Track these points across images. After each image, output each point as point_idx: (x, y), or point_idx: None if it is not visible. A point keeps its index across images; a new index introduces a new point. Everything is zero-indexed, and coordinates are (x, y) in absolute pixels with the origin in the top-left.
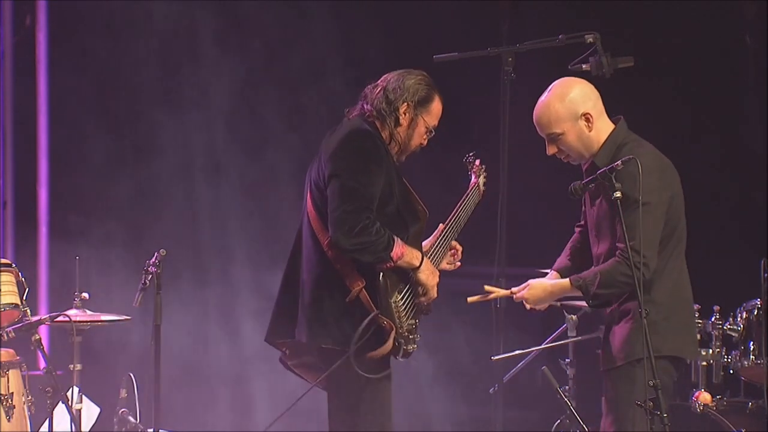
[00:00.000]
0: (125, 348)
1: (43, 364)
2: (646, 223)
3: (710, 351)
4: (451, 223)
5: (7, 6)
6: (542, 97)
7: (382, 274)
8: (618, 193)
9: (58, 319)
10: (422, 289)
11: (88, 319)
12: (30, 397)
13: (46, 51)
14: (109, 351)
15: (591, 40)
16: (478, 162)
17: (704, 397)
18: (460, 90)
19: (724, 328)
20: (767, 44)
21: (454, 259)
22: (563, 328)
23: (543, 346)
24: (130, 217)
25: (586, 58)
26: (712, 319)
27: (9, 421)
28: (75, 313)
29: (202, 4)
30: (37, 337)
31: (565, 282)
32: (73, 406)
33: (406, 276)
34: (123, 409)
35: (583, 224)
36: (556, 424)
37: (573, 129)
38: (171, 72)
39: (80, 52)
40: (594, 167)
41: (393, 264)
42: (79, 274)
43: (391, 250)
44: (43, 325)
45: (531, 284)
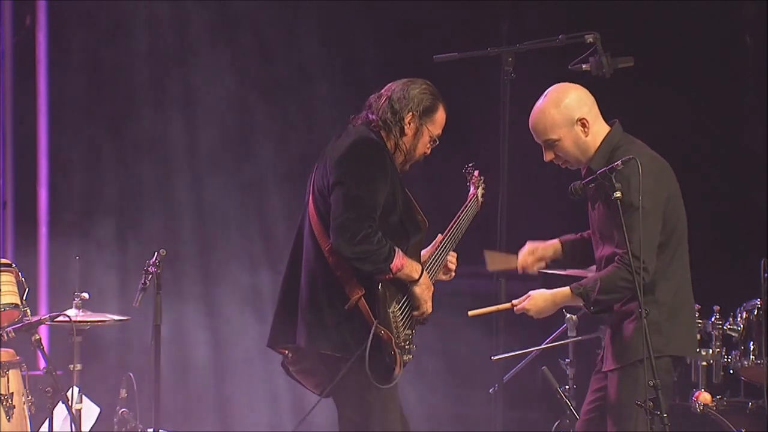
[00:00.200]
0: (125, 348)
1: (43, 364)
2: (643, 227)
3: (710, 351)
4: (450, 234)
5: (7, 6)
6: (538, 104)
7: (381, 283)
8: (618, 194)
9: (58, 319)
10: (416, 303)
11: (88, 319)
12: (30, 397)
13: (46, 51)
14: (109, 351)
15: (591, 40)
16: (477, 173)
17: (704, 397)
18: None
19: (724, 328)
20: (767, 44)
21: (449, 270)
22: (563, 328)
23: (543, 346)
24: (130, 217)
25: (586, 58)
26: (712, 319)
27: (9, 421)
28: (75, 313)
29: (202, 5)
30: (37, 337)
31: (566, 290)
32: (73, 406)
33: (405, 286)
34: (123, 409)
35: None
36: (556, 424)
37: (569, 135)
38: (171, 72)
39: (80, 52)
40: (591, 173)
41: (392, 276)
42: (79, 274)
43: (391, 262)
44: (43, 325)
45: (532, 295)
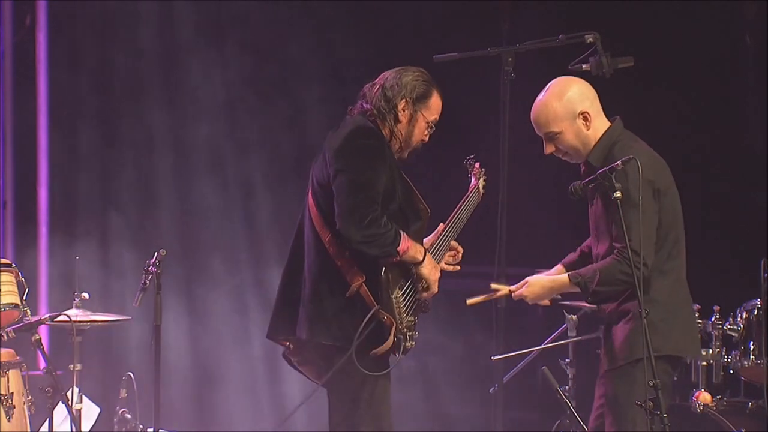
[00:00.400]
0: (125, 348)
1: (43, 364)
2: (639, 222)
3: (710, 351)
4: (452, 223)
5: (7, 6)
6: (540, 96)
7: (384, 269)
8: (618, 193)
9: (58, 319)
10: (424, 284)
11: (88, 319)
12: (30, 397)
13: (46, 51)
14: (109, 351)
15: (591, 40)
16: (478, 165)
17: (704, 397)
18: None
19: (724, 328)
20: (767, 44)
21: (454, 260)
22: (563, 328)
23: (543, 346)
24: (130, 217)
25: (586, 58)
26: (712, 319)
27: (9, 421)
28: (75, 313)
29: (202, 5)
30: (37, 337)
31: (564, 278)
32: (73, 406)
33: (407, 272)
34: (123, 409)
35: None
36: (556, 424)
37: (571, 128)
38: (170, 71)
39: (80, 52)
40: (589, 167)
41: (398, 258)
42: (79, 274)
43: (398, 245)
44: (43, 325)
45: (529, 281)
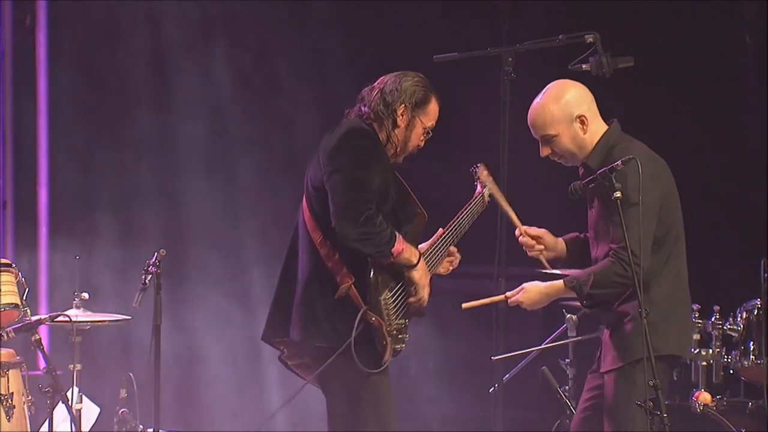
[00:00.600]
0: (125, 348)
1: (43, 364)
2: (637, 223)
3: (710, 351)
4: (451, 229)
5: (7, 6)
6: (537, 99)
7: (373, 271)
8: (618, 194)
9: (58, 319)
10: (414, 289)
11: (88, 319)
12: (30, 397)
13: (46, 51)
14: (109, 351)
15: (591, 40)
16: (486, 173)
17: (704, 397)
18: (460, 90)
19: (724, 328)
20: (767, 44)
21: (451, 266)
22: (563, 328)
23: (543, 346)
24: (130, 217)
25: (586, 58)
26: (712, 319)
27: (9, 421)
28: (75, 313)
29: (202, 5)
30: (37, 337)
31: (559, 283)
32: (73, 406)
33: (399, 275)
34: (123, 409)
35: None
36: (556, 424)
37: (567, 131)
38: (170, 71)
39: (80, 53)
40: (588, 169)
41: (392, 259)
42: (79, 274)
43: (393, 246)
44: (43, 325)
45: (525, 287)
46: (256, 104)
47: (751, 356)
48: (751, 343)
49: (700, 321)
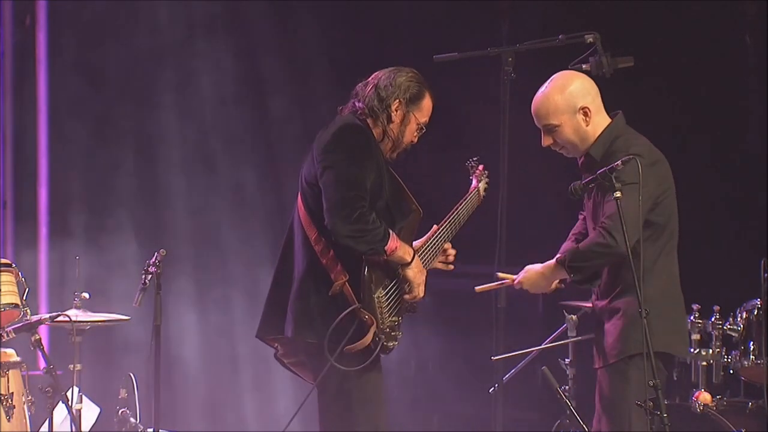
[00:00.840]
0: (125, 348)
1: (43, 364)
2: (629, 203)
3: (710, 351)
4: (446, 225)
5: (7, 6)
6: (542, 88)
7: (367, 268)
8: (618, 193)
9: (58, 319)
10: (408, 286)
11: (88, 319)
12: (30, 397)
13: (46, 51)
14: (109, 351)
15: (591, 40)
16: (482, 167)
17: (704, 397)
18: (460, 90)
19: (724, 328)
20: (767, 44)
21: (445, 261)
22: (563, 328)
23: (543, 346)
24: (130, 217)
25: (586, 58)
26: (712, 319)
27: (9, 421)
28: (75, 313)
29: (202, 5)
30: (37, 337)
31: (552, 262)
32: (73, 406)
33: (393, 273)
34: (123, 409)
35: (585, 213)
36: (556, 424)
37: (570, 122)
38: (170, 71)
39: (80, 52)
40: (590, 159)
41: (386, 257)
42: (79, 274)
43: (386, 243)
44: (43, 325)
45: (526, 269)
46: (258, 103)
47: (751, 356)
48: (751, 343)
49: (700, 321)
